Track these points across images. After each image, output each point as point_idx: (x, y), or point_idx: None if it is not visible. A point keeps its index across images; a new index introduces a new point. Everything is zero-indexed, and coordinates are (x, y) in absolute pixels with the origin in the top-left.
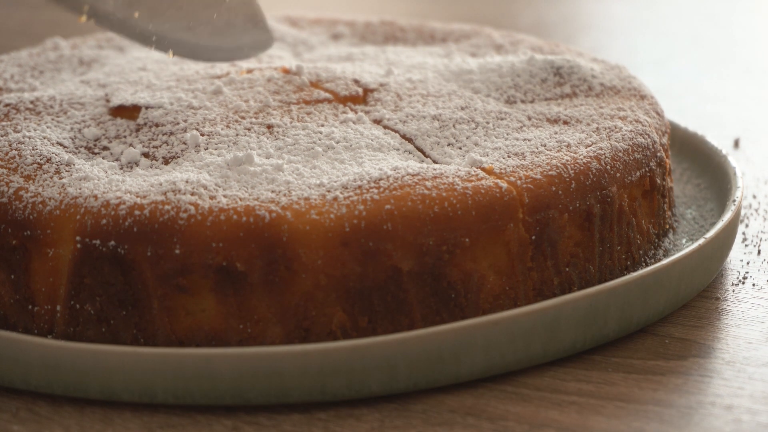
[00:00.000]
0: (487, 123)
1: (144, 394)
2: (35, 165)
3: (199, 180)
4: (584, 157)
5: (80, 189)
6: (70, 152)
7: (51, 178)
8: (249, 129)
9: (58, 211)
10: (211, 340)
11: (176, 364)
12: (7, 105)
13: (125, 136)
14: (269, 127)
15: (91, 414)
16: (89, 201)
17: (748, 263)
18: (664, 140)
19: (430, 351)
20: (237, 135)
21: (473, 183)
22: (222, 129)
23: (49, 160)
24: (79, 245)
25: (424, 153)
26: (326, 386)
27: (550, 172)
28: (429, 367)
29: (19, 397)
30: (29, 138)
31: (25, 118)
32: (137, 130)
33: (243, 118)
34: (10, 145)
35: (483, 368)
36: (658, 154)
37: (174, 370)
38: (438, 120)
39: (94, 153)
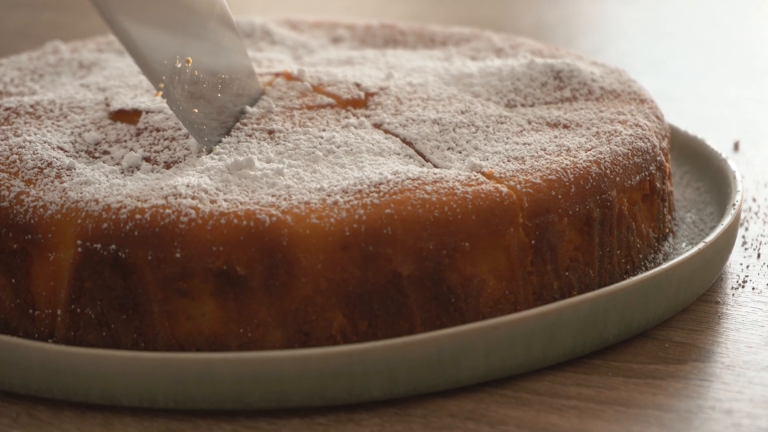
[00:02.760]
0: (487, 127)
1: (144, 398)
2: (36, 169)
3: (199, 184)
4: (584, 161)
5: (81, 193)
6: (70, 156)
7: (52, 182)
8: (250, 135)
9: (59, 215)
10: (211, 344)
11: (176, 368)
12: (7, 109)
13: (125, 141)
14: (270, 132)
15: (91, 418)
16: (90, 205)
17: (747, 267)
18: (664, 144)
19: (430, 355)
20: (239, 142)
21: (473, 187)
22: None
23: (49, 164)
24: (79, 249)
25: (424, 157)
26: (326, 391)
27: (549, 177)
28: (429, 372)
29: (20, 401)
30: (30, 142)
31: (26, 122)
32: (138, 135)
33: (245, 125)
34: (10, 149)
35: (483, 372)
36: (658, 158)
37: (174, 375)
38: (438, 124)
39: (94, 157)
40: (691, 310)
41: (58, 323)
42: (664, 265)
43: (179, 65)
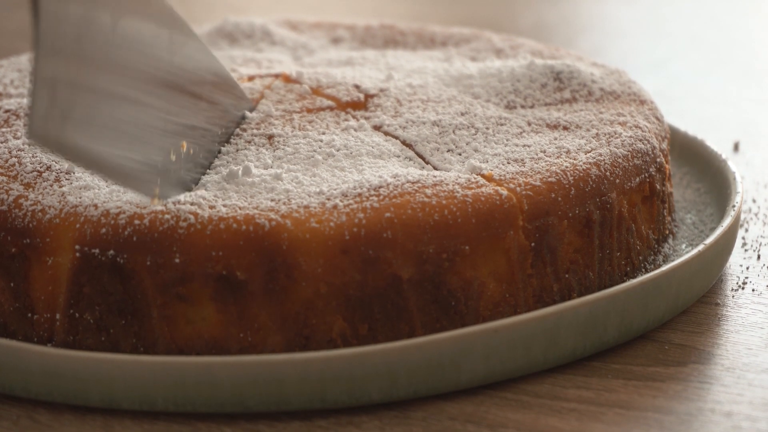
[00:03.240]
0: (487, 129)
1: (144, 402)
2: (35, 173)
3: (197, 191)
4: (584, 163)
5: (80, 198)
6: None
7: (51, 186)
8: (249, 142)
9: (58, 219)
10: (211, 348)
11: (176, 372)
12: (7, 111)
13: None
14: (270, 137)
15: (91, 422)
16: (89, 210)
17: (747, 268)
18: (664, 145)
19: (430, 358)
20: (237, 150)
21: (473, 190)
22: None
23: (49, 167)
24: (78, 254)
25: (423, 159)
26: (326, 394)
27: (549, 179)
28: (429, 375)
29: (20, 404)
30: (29, 145)
31: (25, 125)
32: None
33: (244, 130)
34: (10, 152)
35: (483, 375)
36: (658, 159)
37: (174, 378)
38: (438, 126)
39: None
40: (691, 312)
41: (57, 327)
42: (664, 267)
43: (174, 157)
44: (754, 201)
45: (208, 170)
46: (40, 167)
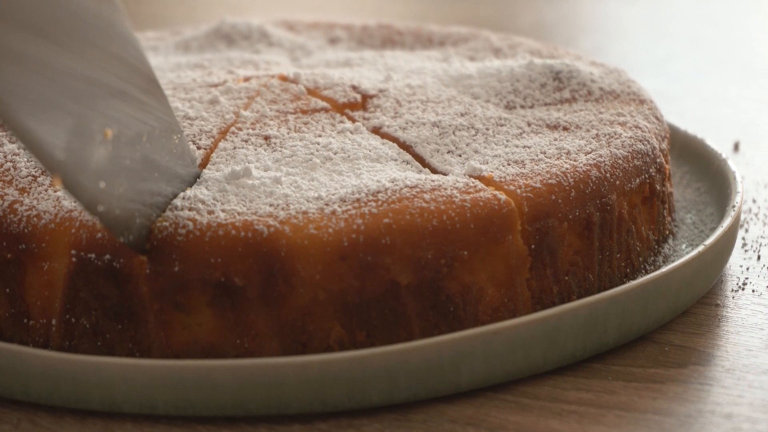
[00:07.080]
0: (487, 129)
1: (145, 405)
2: (30, 177)
3: (196, 195)
4: (584, 164)
5: (75, 202)
6: None
7: (46, 190)
8: (246, 141)
9: (53, 224)
10: (207, 354)
11: (177, 375)
12: None
13: None
14: (266, 138)
15: (92, 425)
16: (84, 214)
17: (747, 269)
18: (664, 145)
19: (430, 361)
20: (235, 148)
21: (471, 195)
22: (220, 142)
23: (44, 172)
24: (74, 259)
25: (423, 160)
26: (327, 397)
27: (549, 181)
28: (429, 378)
29: (20, 408)
30: (25, 149)
31: None
32: None
33: (240, 129)
34: (5, 157)
35: (483, 378)
36: (658, 159)
37: (174, 382)
38: (438, 127)
39: None
40: (691, 313)
41: (53, 333)
42: (664, 269)
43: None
44: (754, 201)
45: (209, 168)
46: (35, 172)
